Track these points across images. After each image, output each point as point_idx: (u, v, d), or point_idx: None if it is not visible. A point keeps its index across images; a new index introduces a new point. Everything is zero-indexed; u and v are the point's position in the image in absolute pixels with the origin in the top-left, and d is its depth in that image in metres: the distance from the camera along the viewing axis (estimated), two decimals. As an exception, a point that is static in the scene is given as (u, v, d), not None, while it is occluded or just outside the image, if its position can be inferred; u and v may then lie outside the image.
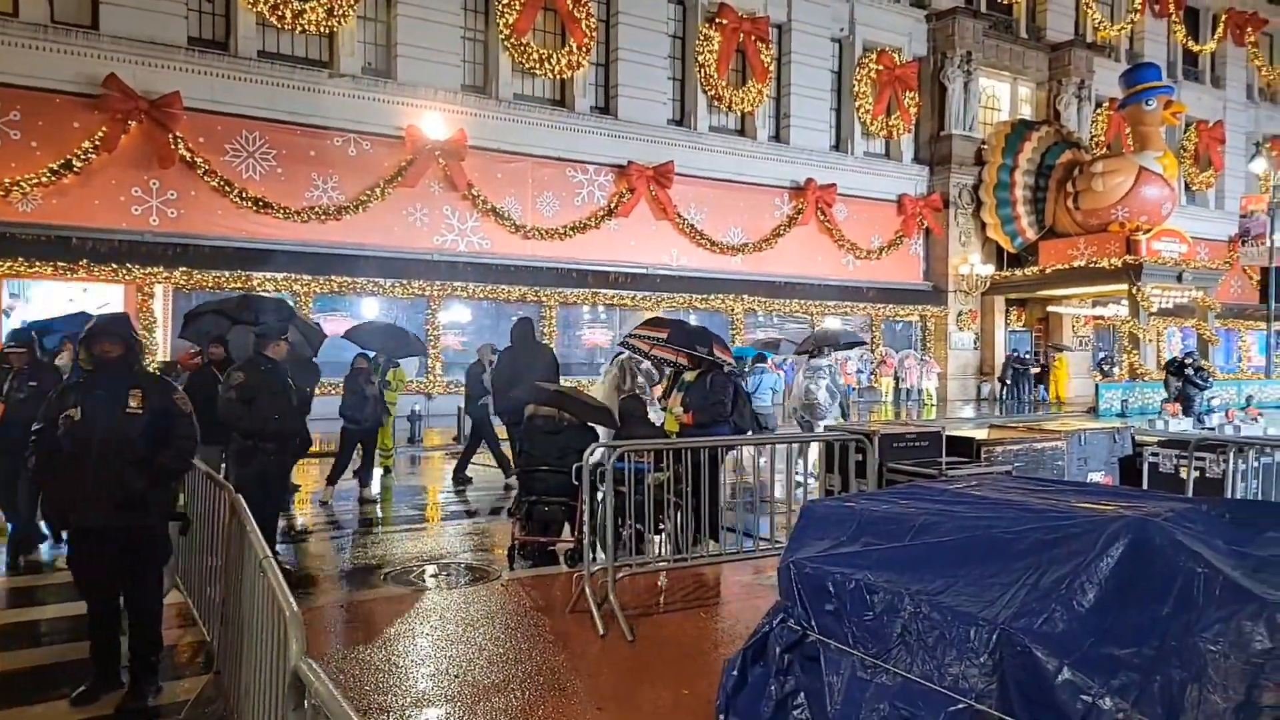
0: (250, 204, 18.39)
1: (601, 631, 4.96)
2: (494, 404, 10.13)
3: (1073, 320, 28.14)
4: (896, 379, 25.13)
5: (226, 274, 17.77)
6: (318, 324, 11.09)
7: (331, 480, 10.16)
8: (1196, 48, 33.67)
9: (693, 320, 23.61)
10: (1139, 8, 31.31)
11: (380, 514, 9.73)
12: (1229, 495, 6.18)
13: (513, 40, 21.14)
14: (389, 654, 4.79)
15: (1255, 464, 6.74)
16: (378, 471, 11.98)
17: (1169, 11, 32.25)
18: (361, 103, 19.65)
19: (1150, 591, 2.89)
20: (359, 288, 19.37)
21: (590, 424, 6.61)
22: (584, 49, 21.94)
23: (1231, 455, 6.21)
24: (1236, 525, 3.33)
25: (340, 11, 19.03)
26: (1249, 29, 34.45)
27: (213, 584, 4.52)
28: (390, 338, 12.42)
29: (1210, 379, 16.82)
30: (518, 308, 20.83)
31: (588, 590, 5.15)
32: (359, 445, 10.45)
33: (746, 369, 12.30)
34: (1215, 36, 33.91)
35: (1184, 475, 6.88)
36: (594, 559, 5.53)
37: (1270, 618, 2.63)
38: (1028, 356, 25.80)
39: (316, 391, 9.12)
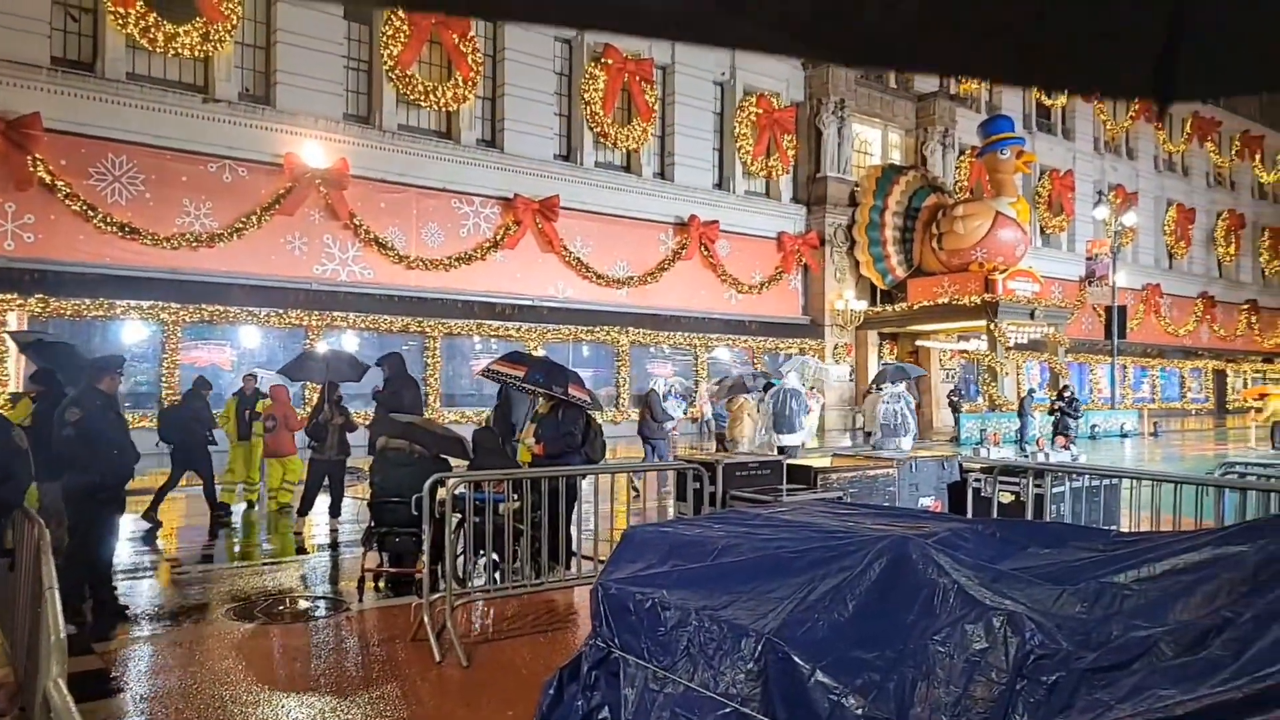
0: (115, 229, 17.75)
1: (438, 659, 5.09)
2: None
3: (939, 354, 29.73)
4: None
5: (88, 301, 17.07)
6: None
7: (302, 511, 10.12)
8: (1049, 102, 36.39)
9: (584, 351, 23.98)
10: (997, 63, 33.66)
11: (239, 548, 9.56)
12: (1030, 516, 6.78)
13: (397, 71, 21.18)
14: (217, 688, 4.80)
15: (1063, 488, 7.42)
16: (241, 505, 11.73)
17: (1024, 68, 34.78)
18: (238, 129, 19.30)
19: (901, 601, 3.26)
20: (232, 317, 18.88)
21: (442, 455, 6.76)
22: (470, 83, 22.15)
23: (1029, 480, 6.82)
24: (1003, 543, 3.77)
25: (216, 37, 18.70)
26: (1095, 87, 37.41)
27: (23, 621, 4.46)
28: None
29: (1080, 409, 18.62)
30: (401, 338, 20.69)
31: (426, 619, 5.29)
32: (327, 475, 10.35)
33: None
34: (1065, 92, 36.74)
35: (1001, 499, 7.51)
36: (438, 588, 5.67)
37: (988, 621, 3.01)
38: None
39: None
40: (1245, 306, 45.07)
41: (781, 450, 11.83)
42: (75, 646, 5.44)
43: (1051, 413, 18.78)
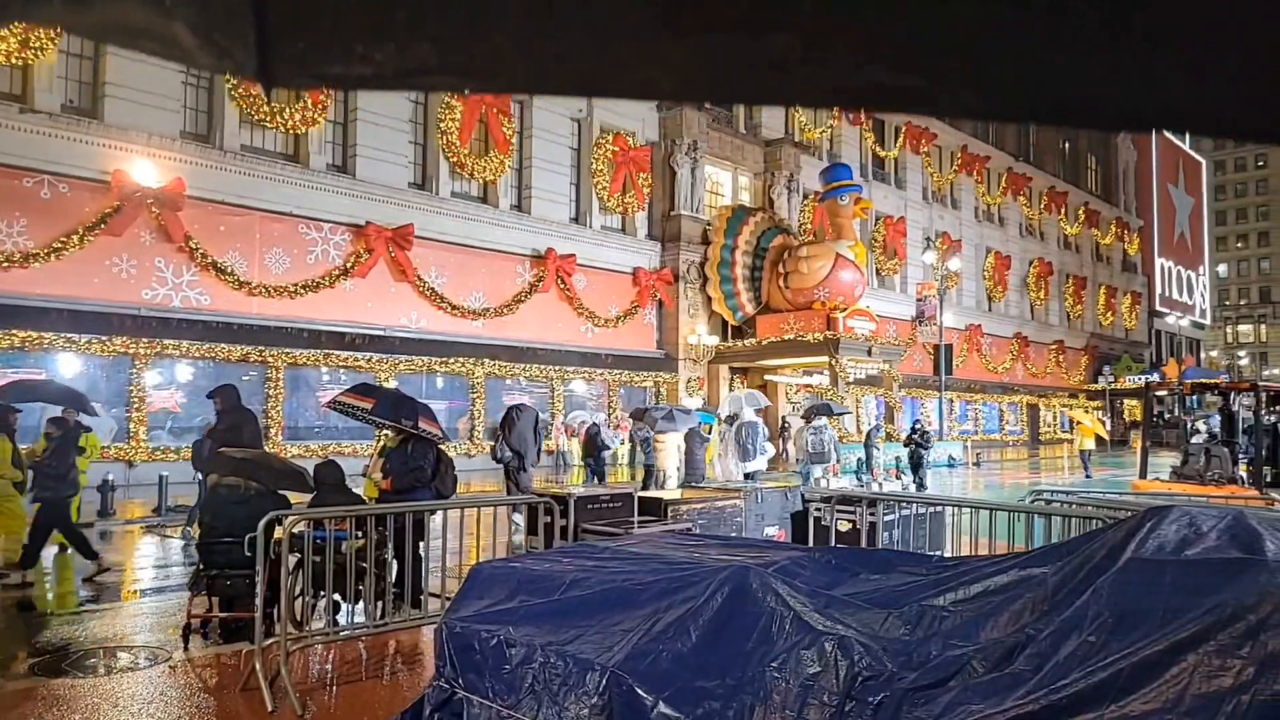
0: (-91, 246, 16.06)
1: (270, 708, 4.83)
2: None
3: (786, 388, 30.95)
4: (633, 441, 26.26)
5: (-128, 324, 15.32)
6: None
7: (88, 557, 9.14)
8: (883, 153, 38.99)
9: (438, 383, 23.47)
10: (836, 115, 35.83)
11: (50, 596, 8.73)
12: (864, 543, 7.14)
13: (240, 90, 20.29)
14: (20, 752, 4.37)
15: (895, 516, 7.87)
16: (51, 549, 10.72)
17: (860, 121, 37.20)
18: (59, 142, 17.92)
19: (741, 630, 3.37)
20: (48, 343, 17.41)
21: (281, 491, 6.46)
22: (319, 106, 21.50)
23: (863, 509, 7.21)
24: (838, 570, 3.97)
25: (38, 43, 17.36)
26: (923, 141, 40.49)
27: None
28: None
29: (931, 442, 20.13)
30: (240, 368, 19.65)
31: (258, 666, 5.01)
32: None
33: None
34: (898, 145, 39.51)
35: (839, 528, 7.88)
36: (273, 632, 5.39)
37: (820, 646, 3.16)
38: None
39: None
40: (1054, 346, 49.44)
41: (749, 476, 13.15)
42: None
43: (907, 445, 20.04)
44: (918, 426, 20.23)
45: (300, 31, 0.88)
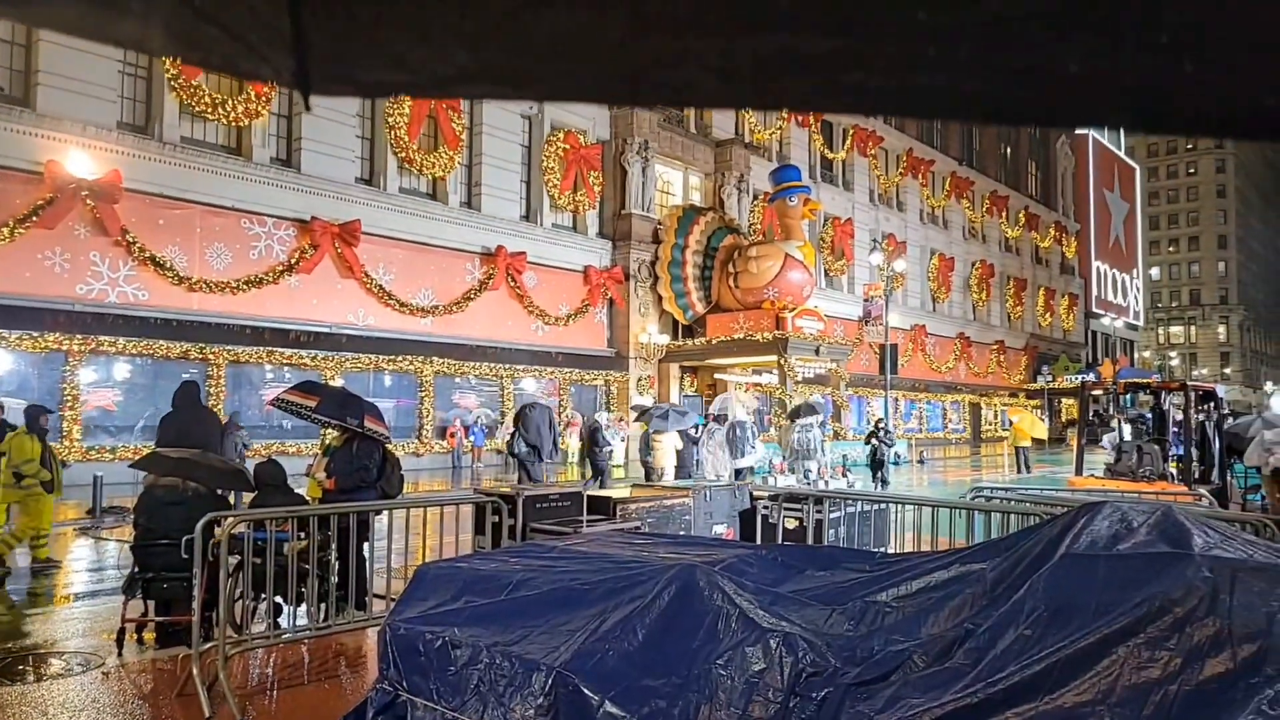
0: None
1: (208, 714, 4.72)
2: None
3: (736, 387, 31.14)
4: (581, 439, 26.16)
5: None
6: None
7: None
8: (831, 155, 39.47)
9: (386, 381, 23.15)
10: (785, 116, 36.18)
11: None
12: (810, 540, 7.22)
13: (181, 81, 19.78)
14: (-59, 764, 4.20)
15: (840, 514, 7.97)
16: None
17: (809, 123, 37.61)
18: (-13, 131, 17.30)
19: (688, 628, 3.38)
20: (-26, 339, 16.78)
21: (221, 491, 6.31)
22: (263, 97, 21.04)
23: (810, 507, 7.29)
24: (784, 567, 3.99)
25: (-37, 28, 16.72)
26: (870, 144, 41.08)
27: None
28: None
29: (894, 440, 20.48)
30: (179, 366, 19.14)
31: (195, 671, 4.89)
32: None
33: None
34: (845, 147, 40.03)
35: (787, 525, 7.96)
36: (211, 636, 5.26)
37: (766, 643, 3.18)
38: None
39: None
40: (995, 346, 50.59)
41: (738, 474, 13.48)
42: None
43: (868, 442, 20.45)
44: (881, 424, 20.62)
45: (337, 38, 0.86)
